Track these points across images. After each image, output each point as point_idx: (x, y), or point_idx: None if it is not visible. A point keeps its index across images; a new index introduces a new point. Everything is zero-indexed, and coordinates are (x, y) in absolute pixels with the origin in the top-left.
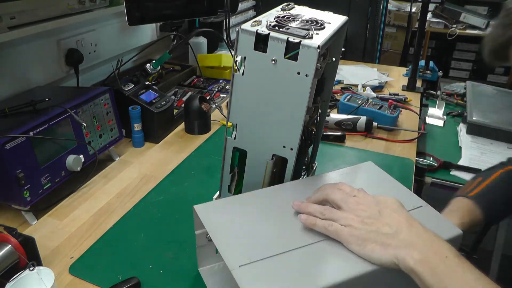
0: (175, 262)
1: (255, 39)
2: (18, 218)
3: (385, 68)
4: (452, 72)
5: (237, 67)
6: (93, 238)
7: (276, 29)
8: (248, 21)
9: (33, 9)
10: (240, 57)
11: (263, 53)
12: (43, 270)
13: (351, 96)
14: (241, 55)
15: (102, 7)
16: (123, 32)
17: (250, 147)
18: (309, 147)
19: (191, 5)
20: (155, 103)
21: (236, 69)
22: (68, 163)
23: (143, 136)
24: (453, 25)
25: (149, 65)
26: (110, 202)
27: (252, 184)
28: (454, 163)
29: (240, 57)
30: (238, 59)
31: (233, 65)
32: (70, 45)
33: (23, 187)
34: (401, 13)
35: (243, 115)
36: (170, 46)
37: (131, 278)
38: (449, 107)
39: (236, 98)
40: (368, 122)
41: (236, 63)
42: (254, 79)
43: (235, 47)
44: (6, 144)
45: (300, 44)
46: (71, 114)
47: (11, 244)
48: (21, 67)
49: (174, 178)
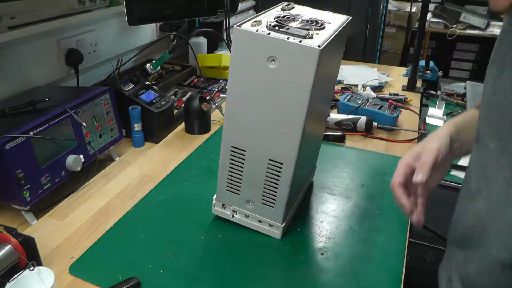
0: (175, 262)
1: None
2: (18, 218)
3: (385, 68)
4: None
5: (235, 66)
6: (93, 238)
7: (276, 29)
8: (248, 21)
9: (33, 9)
10: (238, 56)
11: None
12: (43, 270)
13: (351, 96)
14: (239, 55)
15: (102, 7)
16: (123, 32)
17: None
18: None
19: (191, 5)
20: (155, 103)
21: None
22: (68, 163)
23: (143, 136)
24: (453, 25)
25: (149, 65)
26: (110, 202)
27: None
28: (454, 163)
29: (238, 56)
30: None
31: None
32: (70, 45)
33: (23, 187)
34: (401, 13)
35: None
36: (170, 46)
37: (131, 278)
38: (449, 107)
39: (233, 97)
40: (368, 122)
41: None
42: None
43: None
44: (6, 144)
45: (301, 44)
46: (71, 114)
47: (11, 244)
48: (21, 67)
49: (174, 178)
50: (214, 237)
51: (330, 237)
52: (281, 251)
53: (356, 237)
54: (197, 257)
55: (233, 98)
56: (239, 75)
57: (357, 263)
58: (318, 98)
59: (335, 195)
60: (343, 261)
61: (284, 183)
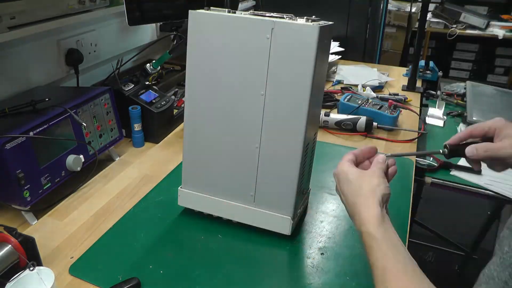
0: (175, 262)
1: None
2: (18, 218)
3: (385, 68)
4: (452, 72)
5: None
6: (93, 238)
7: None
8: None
9: (33, 9)
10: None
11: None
12: (43, 270)
13: (351, 96)
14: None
15: (102, 7)
16: (123, 32)
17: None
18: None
19: (191, 5)
20: (155, 103)
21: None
22: (68, 163)
23: (143, 136)
24: (453, 25)
25: (149, 65)
26: (110, 202)
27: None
28: (454, 163)
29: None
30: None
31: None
32: (70, 45)
33: (23, 187)
34: (401, 13)
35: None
36: (170, 46)
37: (131, 278)
38: (449, 107)
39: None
40: (368, 122)
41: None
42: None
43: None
44: (6, 144)
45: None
46: (71, 114)
47: (11, 244)
48: (21, 67)
49: (174, 178)
50: (214, 237)
51: (330, 237)
52: (281, 251)
53: (356, 237)
54: (197, 257)
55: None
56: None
57: (357, 263)
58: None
59: (335, 195)
60: (343, 261)
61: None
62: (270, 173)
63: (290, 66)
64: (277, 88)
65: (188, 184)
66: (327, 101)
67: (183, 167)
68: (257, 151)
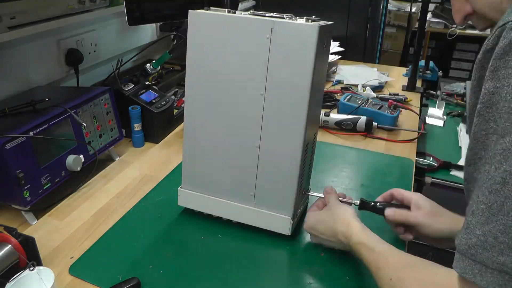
0: (175, 262)
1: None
2: (18, 218)
3: (385, 68)
4: (452, 72)
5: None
6: (93, 238)
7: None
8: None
9: (33, 9)
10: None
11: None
12: (43, 270)
13: (351, 96)
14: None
15: (102, 7)
16: (123, 32)
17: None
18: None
19: (191, 5)
20: (155, 103)
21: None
22: (68, 163)
23: (143, 136)
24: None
25: (149, 65)
26: (110, 202)
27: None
28: (454, 163)
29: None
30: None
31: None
32: (70, 45)
33: (23, 187)
34: (401, 13)
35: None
36: (170, 46)
37: (131, 278)
38: (449, 107)
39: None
40: (368, 122)
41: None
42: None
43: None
44: (6, 144)
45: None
46: (71, 114)
47: (11, 244)
48: (21, 67)
49: (174, 178)
50: (214, 237)
51: None
52: (281, 251)
53: None
54: (197, 257)
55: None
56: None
57: (357, 263)
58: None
59: None
60: (343, 261)
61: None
62: (270, 173)
63: (290, 66)
64: (277, 88)
65: (188, 184)
66: (327, 101)
67: (183, 167)
68: (257, 151)
